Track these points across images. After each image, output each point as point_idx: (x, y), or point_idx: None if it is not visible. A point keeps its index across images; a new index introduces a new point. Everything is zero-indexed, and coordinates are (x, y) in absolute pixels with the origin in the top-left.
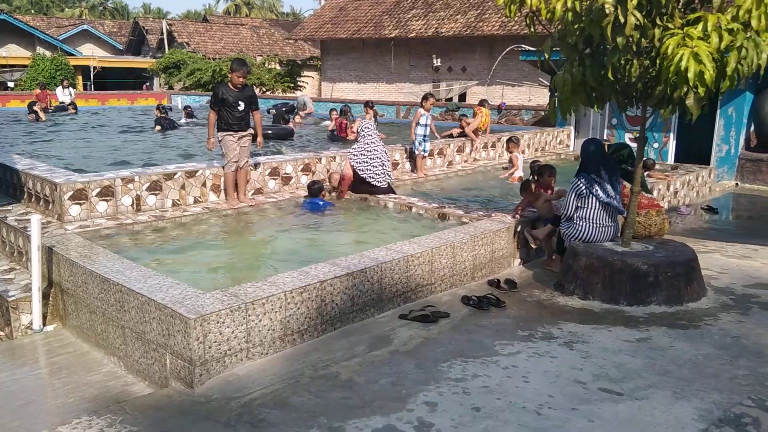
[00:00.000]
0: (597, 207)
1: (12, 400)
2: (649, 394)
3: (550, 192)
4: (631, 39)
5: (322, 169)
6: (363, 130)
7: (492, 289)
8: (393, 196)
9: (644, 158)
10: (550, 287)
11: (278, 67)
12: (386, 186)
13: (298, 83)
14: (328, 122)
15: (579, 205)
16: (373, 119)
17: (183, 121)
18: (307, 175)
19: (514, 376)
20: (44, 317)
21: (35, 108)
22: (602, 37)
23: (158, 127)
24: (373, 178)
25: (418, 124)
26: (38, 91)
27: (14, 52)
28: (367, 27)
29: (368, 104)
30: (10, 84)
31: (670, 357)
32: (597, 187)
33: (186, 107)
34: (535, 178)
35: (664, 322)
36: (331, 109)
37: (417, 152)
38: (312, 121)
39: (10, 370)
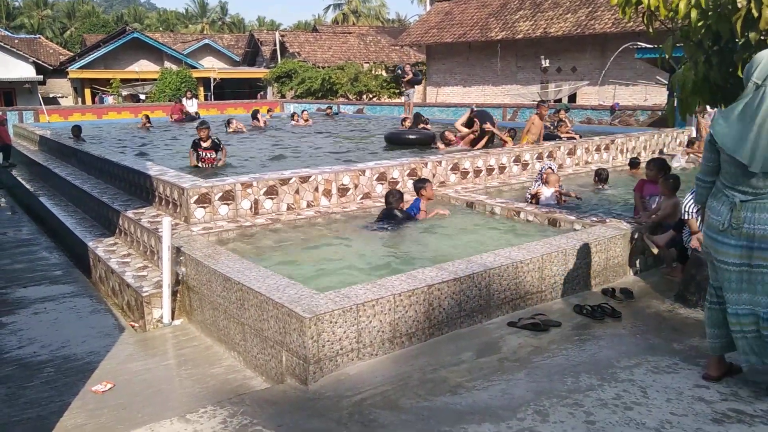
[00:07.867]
0: None
1: (145, 388)
2: None
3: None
4: (765, 34)
5: (427, 173)
6: None
7: (607, 299)
8: (500, 200)
9: None
10: (670, 298)
11: (384, 74)
12: None
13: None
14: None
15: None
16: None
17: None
18: (412, 179)
19: (631, 391)
20: (173, 312)
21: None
22: (731, 32)
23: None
24: None
25: None
26: (176, 104)
27: (145, 67)
28: (473, 30)
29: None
30: (142, 96)
31: None
32: None
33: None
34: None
35: None
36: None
37: None
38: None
39: (143, 359)
